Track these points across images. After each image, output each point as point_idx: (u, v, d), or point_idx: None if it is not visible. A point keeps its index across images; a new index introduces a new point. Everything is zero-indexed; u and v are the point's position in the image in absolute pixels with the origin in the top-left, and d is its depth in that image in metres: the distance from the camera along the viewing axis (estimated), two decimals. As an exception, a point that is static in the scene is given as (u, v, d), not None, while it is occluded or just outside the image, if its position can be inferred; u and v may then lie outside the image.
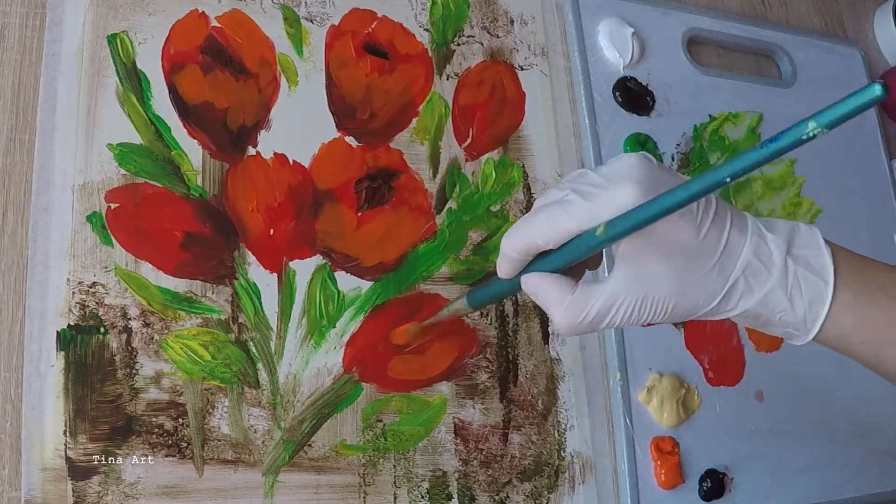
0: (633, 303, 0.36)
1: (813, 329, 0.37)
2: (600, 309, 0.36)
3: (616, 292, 0.36)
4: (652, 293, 0.36)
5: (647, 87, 0.68)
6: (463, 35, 0.63)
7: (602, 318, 0.37)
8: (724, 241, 0.36)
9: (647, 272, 0.36)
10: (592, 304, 0.36)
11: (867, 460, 0.67)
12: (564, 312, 0.37)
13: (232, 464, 0.48)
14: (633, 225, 0.34)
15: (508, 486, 0.55)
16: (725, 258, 0.36)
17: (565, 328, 0.37)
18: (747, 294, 0.36)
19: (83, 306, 0.47)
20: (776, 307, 0.36)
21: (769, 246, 0.36)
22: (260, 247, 0.52)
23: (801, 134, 0.29)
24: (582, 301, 0.37)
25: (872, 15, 0.87)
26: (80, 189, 0.49)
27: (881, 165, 0.78)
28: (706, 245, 0.36)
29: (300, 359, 0.51)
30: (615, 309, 0.36)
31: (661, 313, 0.37)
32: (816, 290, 0.36)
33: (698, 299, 0.36)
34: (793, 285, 0.36)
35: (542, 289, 0.38)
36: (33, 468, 0.44)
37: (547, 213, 0.36)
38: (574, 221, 0.35)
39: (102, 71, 0.51)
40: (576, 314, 0.37)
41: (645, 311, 0.36)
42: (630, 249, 0.36)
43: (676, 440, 0.60)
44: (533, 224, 0.37)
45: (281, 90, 0.55)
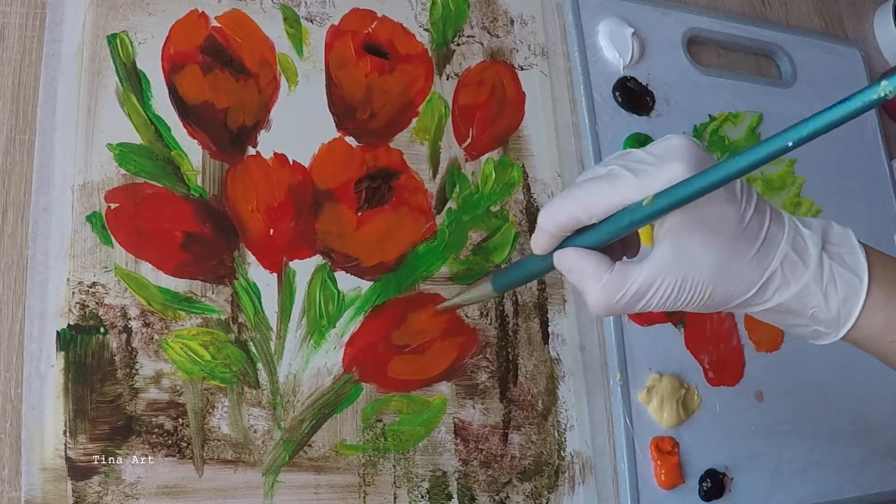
0: (673, 284, 0.36)
1: (845, 326, 0.37)
2: (639, 288, 0.36)
3: (656, 272, 0.36)
4: (692, 275, 0.35)
5: (647, 87, 0.68)
6: (463, 35, 0.63)
7: (640, 297, 0.36)
8: (764, 230, 0.36)
9: (689, 253, 0.35)
10: (632, 283, 0.36)
11: (867, 460, 0.67)
12: (602, 290, 0.36)
13: (232, 464, 0.48)
14: (682, 197, 0.33)
15: (508, 486, 0.55)
16: (765, 248, 0.36)
17: (602, 307, 0.37)
18: (783, 286, 0.36)
19: (83, 306, 0.47)
20: (810, 302, 0.36)
21: (805, 241, 0.37)
22: (260, 247, 0.52)
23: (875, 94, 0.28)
24: (620, 279, 0.36)
25: (872, 15, 0.87)
26: (80, 189, 0.49)
27: (881, 165, 0.78)
28: (748, 232, 0.36)
29: (300, 359, 0.51)
30: (654, 289, 0.36)
31: (698, 298, 0.36)
32: (851, 287, 0.36)
33: (737, 287, 0.36)
34: (828, 281, 0.36)
35: (578, 265, 0.37)
36: (33, 468, 0.44)
37: (592, 186, 0.36)
38: (620, 195, 0.35)
39: (102, 71, 0.51)
40: (613, 292, 0.36)
41: (683, 294, 0.36)
42: (673, 230, 0.35)
43: (676, 440, 0.60)
44: (576, 196, 0.36)
45: (281, 90, 0.55)
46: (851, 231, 0.38)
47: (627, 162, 0.36)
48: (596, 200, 0.36)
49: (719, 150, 0.70)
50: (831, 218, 0.73)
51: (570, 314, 0.60)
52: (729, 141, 0.71)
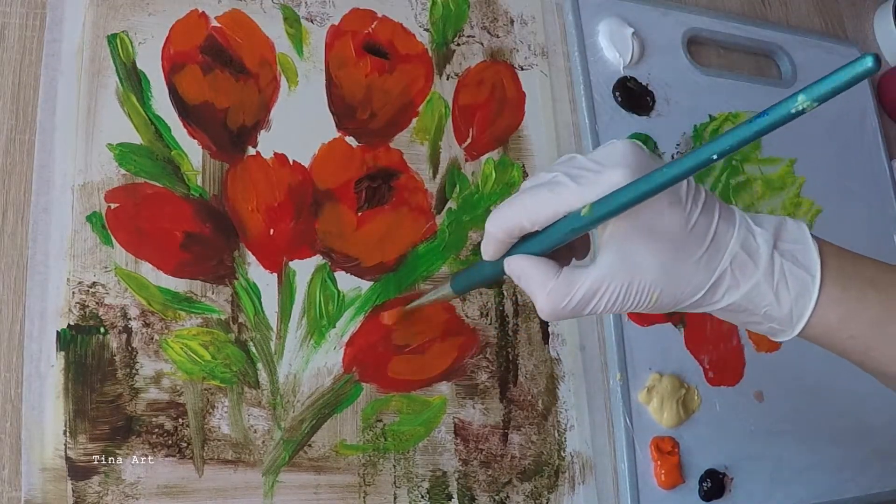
0: (618, 289, 0.36)
1: (799, 324, 0.37)
2: (584, 294, 0.36)
3: (601, 278, 0.36)
4: (637, 280, 0.35)
5: (647, 87, 0.68)
6: (463, 35, 0.63)
7: (586, 303, 0.36)
8: (712, 231, 0.36)
9: (634, 259, 0.35)
10: (577, 289, 0.36)
11: (867, 460, 0.67)
12: (547, 297, 0.36)
13: (232, 464, 0.48)
14: (619, 205, 0.33)
15: (508, 486, 0.55)
16: (713, 249, 0.36)
17: (548, 313, 0.37)
18: (733, 287, 0.36)
19: (83, 306, 0.47)
20: (761, 301, 0.36)
21: (756, 239, 0.36)
22: (260, 247, 0.52)
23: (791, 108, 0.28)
24: (566, 286, 0.36)
25: (872, 15, 0.87)
26: (80, 189, 0.49)
27: (881, 165, 0.78)
28: (694, 234, 0.35)
29: (300, 359, 0.51)
30: (599, 295, 0.36)
31: (646, 301, 0.36)
32: (803, 285, 0.36)
33: (684, 289, 0.36)
34: (779, 279, 0.36)
35: (526, 272, 0.37)
36: (33, 468, 0.44)
37: (533, 194, 0.36)
38: (561, 203, 0.35)
39: (102, 71, 0.51)
40: (559, 299, 0.36)
41: (630, 298, 0.36)
42: (616, 235, 0.35)
43: (676, 440, 0.60)
44: (518, 204, 0.36)
45: (281, 90, 0.55)
46: (806, 226, 0.37)
47: (570, 169, 0.36)
48: (538, 208, 0.36)
49: (719, 150, 0.70)
50: (831, 218, 0.74)
51: (570, 314, 0.60)
52: (729, 141, 0.71)
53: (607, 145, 0.36)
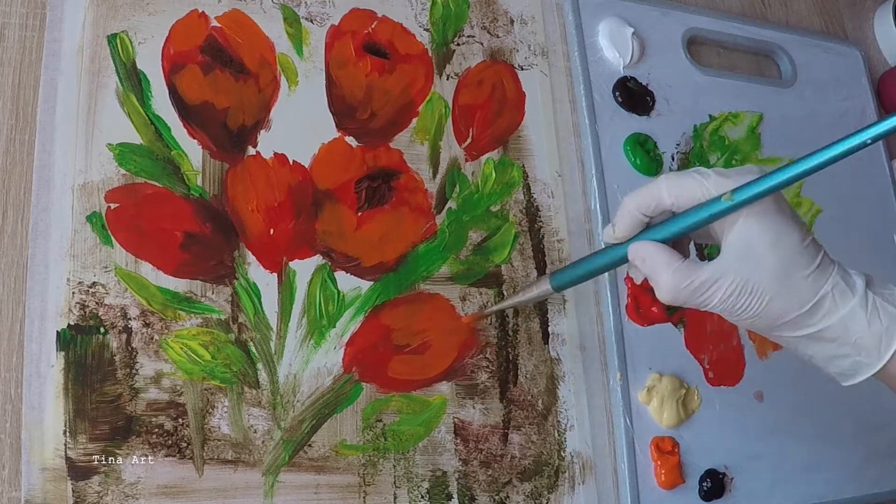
0: (736, 283, 0.39)
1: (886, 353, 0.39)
2: (705, 280, 0.39)
3: (723, 269, 0.39)
4: (754, 279, 0.39)
5: (647, 87, 0.68)
6: (463, 35, 0.63)
7: (705, 288, 0.39)
8: (819, 256, 0.40)
9: (755, 259, 0.39)
10: (699, 274, 0.39)
11: (867, 461, 0.67)
12: (673, 274, 0.40)
13: (232, 464, 0.48)
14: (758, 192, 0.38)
15: (508, 486, 0.55)
16: (820, 271, 0.39)
17: (670, 290, 0.40)
18: (832, 310, 0.39)
19: (83, 306, 0.47)
20: (855, 327, 0.39)
21: (852, 276, 0.40)
22: (260, 247, 0.52)
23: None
24: (690, 268, 0.40)
25: (872, 15, 0.87)
26: (80, 189, 0.49)
27: (881, 165, 0.78)
28: (807, 253, 0.39)
29: (300, 359, 0.51)
30: (718, 285, 0.39)
31: (756, 304, 0.39)
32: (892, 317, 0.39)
33: (792, 301, 0.39)
34: (872, 310, 0.39)
35: (652, 254, 0.41)
36: (33, 468, 0.44)
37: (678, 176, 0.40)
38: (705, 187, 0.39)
39: (102, 71, 0.51)
40: (682, 279, 0.40)
41: (743, 296, 0.39)
42: (742, 234, 0.39)
43: (676, 440, 0.60)
44: (661, 184, 0.40)
45: (281, 90, 0.55)
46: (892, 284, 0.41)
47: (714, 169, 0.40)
48: (682, 188, 0.40)
49: (719, 150, 0.70)
50: (831, 218, 0.74)
51: (570, 314, 0.60)
52: (729, 141, 0.71)
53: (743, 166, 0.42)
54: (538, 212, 0.61)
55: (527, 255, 0.60)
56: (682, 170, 0.42)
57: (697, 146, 0.69)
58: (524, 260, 0.59)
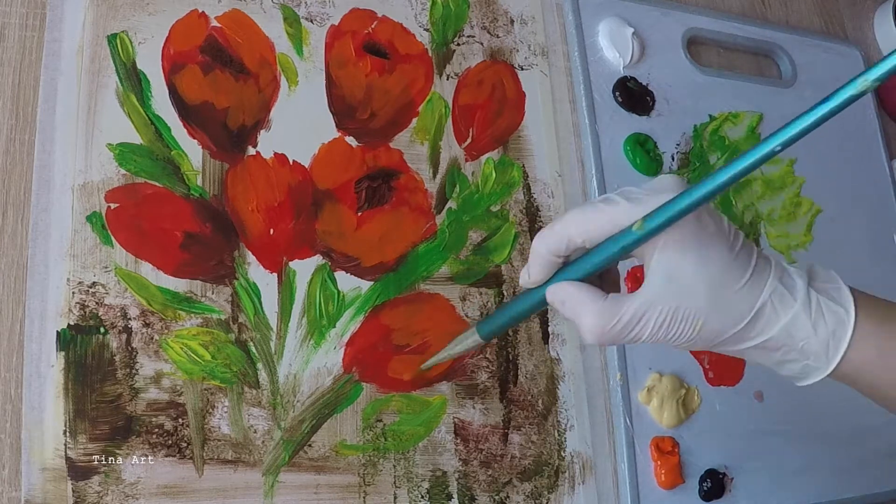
0: (665, 314, 0.36)
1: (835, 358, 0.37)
2: (632, 316, 0.36)
3: (649, 301, 0.36)
4: (684, 305, 0.36)
5: (647, 87, 0.68)
6: (463, 35, 0.63)
7: (632, 325, 0.37)
8: (752, 262, 0.37)
9: (681, 283, 0.36)
10: (625, 311, 0.36)
11: (867, 460, 0.67)
12: (596, 318, 0.37)
13: (232, 464, 0.48)
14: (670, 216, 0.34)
15: (508, 486, 0.55)
16: (755, 280, 0.36)
17: (595, 334, 0.37)
18: (773, 320, 0.37)
19: (83, 306, 0.47)
20: (799, 334, 0.37)
21: (792, 276, 0.37)
22: (260, 247, 0.52)
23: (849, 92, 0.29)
24: (615, 306, 0.37)
25: (872, 15, 0.87)
26: (80, 189, 0.49)
27: (881, 165, 0.78)
28: (737, 264, 0.36)
29: (300, 359, 0.51)
30: (647, 317, 0.36)
31: (689, 329, 0.37)
32: (839, 318, 0.37)
33: (727, 318, 0.36)
34: (816, 313, 0.37)
35: (572, 295, 0.38)
36: (33, 468, 0.44)
37: (585, 209, 0.37)
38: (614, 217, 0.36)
39: (102, 71, 0.51)
40: (607, 320, 0.37)
41: (675, 324, 0.36)
42: (664, 261, 0.36)
43: (676, 440, 0.60)
44: (569, 220, 0.37)
45: (281, 90, 0.55)
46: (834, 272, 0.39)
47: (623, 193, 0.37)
48: (590, 222, 0.37)
49: (720, 149, 0.70)
50: (831, 218, 0.74)
51: (570, 314, 0.60)
52: (729, 141, 0.71)
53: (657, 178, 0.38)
54: (538, 212, 0.61)
55: (527, 255, 0.60)
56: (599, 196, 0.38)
57: (697, 146, 0.69)
58: (524, 260, 0.59)
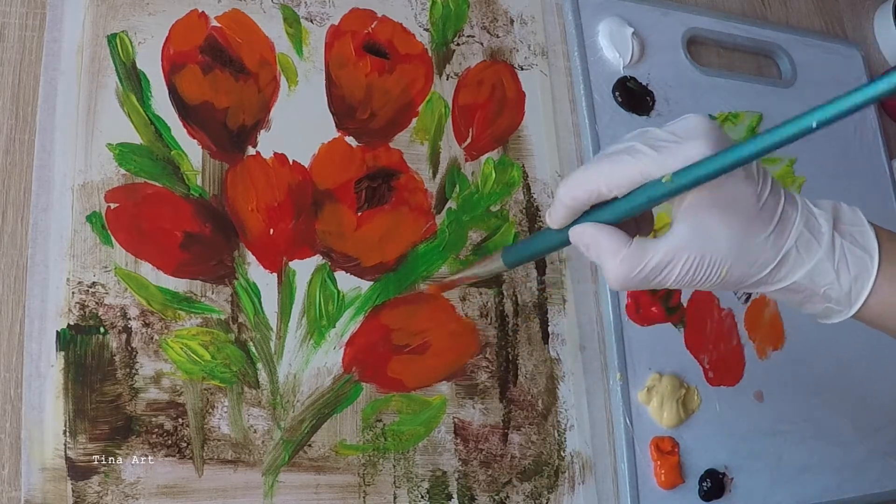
0: (691, 261, 0.36)
1: (857, 303, 0.37)
2: (657, 263, 0.36)
3: (675, 248, 0.36)
4: (710, 252, 0.36)
5: (647, 87, 0.68)
6: (463, 35, 0.63)
7: (658, 272, 0.37)
8: (779, 210, 0.37)
9: (708, 230, 0.36)
10: (650, 258, 0.36)
11: (867, 461, 0.67)
12: (620, 264, 0.37)
13: (232, 464, 0.48)
14: (701, 176, 0.34)
15: (508, 486, 0.55)
16: (781, 227, 0.37)
17: (619, 280, 0.37)
18: (797, 266, 0.37)
19: (83, 306, 0.47)
20: (822, 280, 0.37)
21: (818, 220, 0.37)
22: (260, 247, 0.52)
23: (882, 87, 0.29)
24: (639, 253, 0.36)
25: (872, 15, 0.87)
26: (80, 189, 0.49)
27: (881, 165, 0.78)
28: (764, 212, 0.36)
29: (300, 359, 0.51)
30: (672, 265, 0.36)
31: (715, 276, 0.37)
32: (862, 264, 0.37)
33: (752, 265, 0.37)
34: (839, 258, 0.37)
35: (596, 240, 0.37)
36: (33, 468, 0.44)
37: (612, 160, 0.36)
38: (640, 170, 0.35)
39: (102, 71, 0.51)
40: (631, 266, 0.36)
41: (701, 270, 0.36)
42: (692, 208, 0.36)
43: (676, 440, 0.60)
44: (596, 170, 0.37)
45: (281, 90, 0.55)
46: (860, 211, 0.39)
47: (647, 139, 0.36)
48: (617, 173, 0.36)
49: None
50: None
51: (570, 314, 0.60)
52: (729, 141, 0.71)
53: (682, 119, 0.37)
54: (538, 212, 0.61)
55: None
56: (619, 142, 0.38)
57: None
58: (524, 260, 0.59)
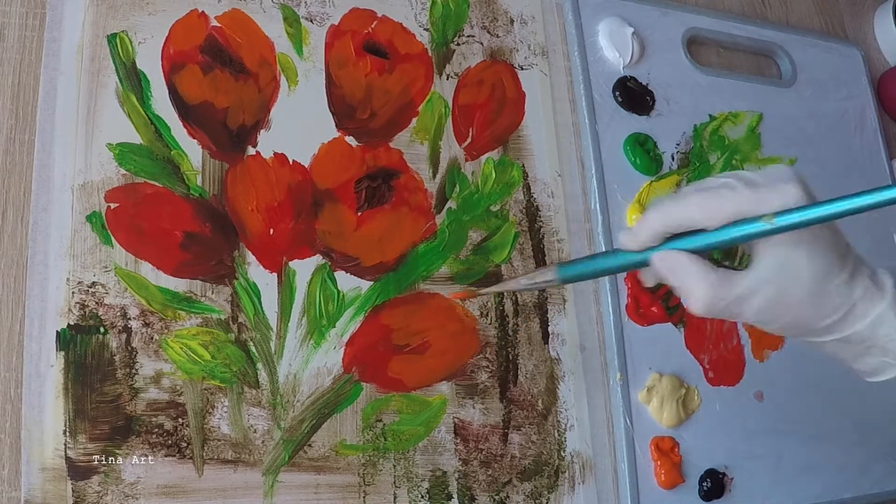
0: (770, 297, 0.38)
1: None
2: (741, 293, 0.38)
3: (759, 282, 0.38)
4: (789, 293, 0.38)
5: (647, 87, 0.68)
6: (463, 35, 0.63)
7: (740, 303, 0.38)
8: (851, 261, 0.39)
9: (791, 271, 0.37)
10: (734, 287, 0.38)
11: (867, 461, 0.67)
12: (709, 289, 0.38)
13: (232, 464, 0.48)
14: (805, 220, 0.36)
15: (508, 486, 0.55)
16: (853, 274, 0.38)
17: (706, 307, 0.38)
18: (862, 315, 0.38)
19: (83, 306, 0.47)
20: (884, 330, 0.38)
21: (881, 276, 0.39)
22: (260, 247, 0.52)
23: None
24: (726, 283, 0.38)
25: (872, 15, 0.87)
26: (80, 189, 0.49)
27: (881, 165, 0.78)
28: (841, 261, 0.38)
29: (300, 359, 0.51)
30: (753, 298, 0.38)
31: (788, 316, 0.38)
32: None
33: (824, 311, 0.38)
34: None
35: (684, 265, 0.39)
36: (33, 468, 0.44)
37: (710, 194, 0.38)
38: (737, 205, 0.37)
39: (102, 71, 0.51)
40: (719, 293, 0.38)
41: (778, 307, 0.38)
42: (779, 245, 0.37)
43: (676, 440, 0.60)
44: (693, 202, 0.38)
45: (281, 90, 0.55)
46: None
47: (740, 178, 0.38)
48: (715, 207, 0.37)
49: (719, 149, 0.70)
50: (831, 218, 0.73)
51: (570, 314, 0.60)
52: (729, 140, 0.71)
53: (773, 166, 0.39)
54: (538, 212, 0.61)
55: (527, 254, 0.60)
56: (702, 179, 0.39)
57: (697, 146, 0.69)
58: (524, 260, 0.59)
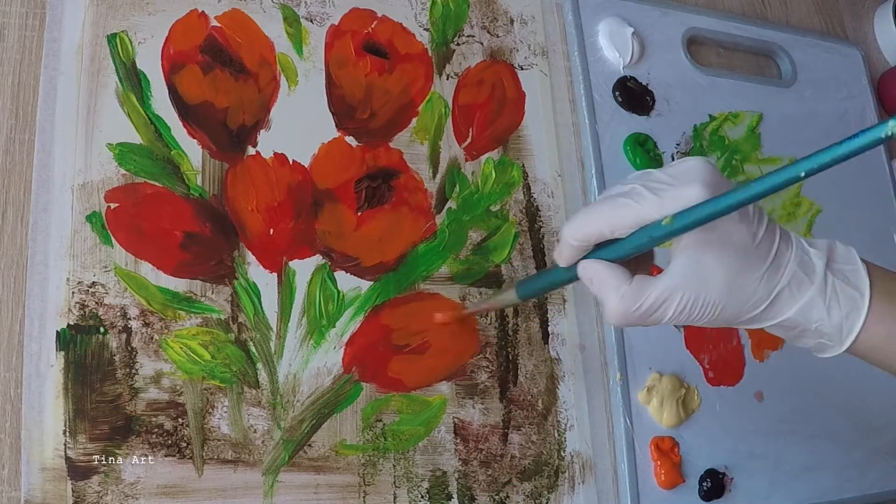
0: (687, 299, 0.38)
1: (848, 339, 0.39)
2: (654, 300, 0.38)
3: (672, 286, 0.38)
4: (705, 292, 0.37)
5: (647, 87, 0.68)
6: (463, 35, 0.63)
7: (654, 309, 0.38)
8: (774, 249, 0.38)
9: (703, 270, 0.37)
10: (648, 295, 0.38)
11: (867, 461, 0.67)
12: (620, 300, 0.38)
13: (232, 464, 0.48)
14: (700, 218, 0.35)
15: (508, 486, 0.55)
16: (775, 265, 0.38)
17: (618, 316, 0.39)
18: (789, 303, 0.38)
19: (83, 306, 0.47)
20: (814, 316, 0.38)
21: (812, 259, 0.38)
22: (260, 247, 0.52)
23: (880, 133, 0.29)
24: (638, 291, 0.38)
25: (872, 15, 0.87)
26: (80, 189, 0.49)
27: (881, 165, 0.78)
28: (759, 251, 0.38)
29: (300, 359, 0.51)
30: (668, 302, 0.38)
31: (710, 313, 0.38)
32: (853, 302, 0.38)
33: (746, 303, 0.38)
34: (831, 296, 0.38)
35: (600, 276, 0.39)
36: (33, 468, 0.44)
37: (613, 203, 0.38)
38: (640, 212, 0.37)
39: (102, 71, 0.51)
40: (631, 303, 0.38)
41: (696, 309, 0.38)
42: (688, 247, 0.37)
43: (676, 440, 0.60)
44: (598, 212, 0.38)
45: (281, 90, 0.55)
46: (854, 250, 0.40)
47: (647, 182, 0.38)
48: (617, 216, 0.38)
49: (719, 149, 0.70)
50: (831, 218, 0.74)
51: (570, 314, 0.60)
52: (729, 141, 0.71)
53: (681, 162, 0.38)
54: (538, 212, 0.61)
55: (527, 254, 0.60)
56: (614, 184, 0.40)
57: (697, 146, 0.69)
58: (524, 260, 0.59)
